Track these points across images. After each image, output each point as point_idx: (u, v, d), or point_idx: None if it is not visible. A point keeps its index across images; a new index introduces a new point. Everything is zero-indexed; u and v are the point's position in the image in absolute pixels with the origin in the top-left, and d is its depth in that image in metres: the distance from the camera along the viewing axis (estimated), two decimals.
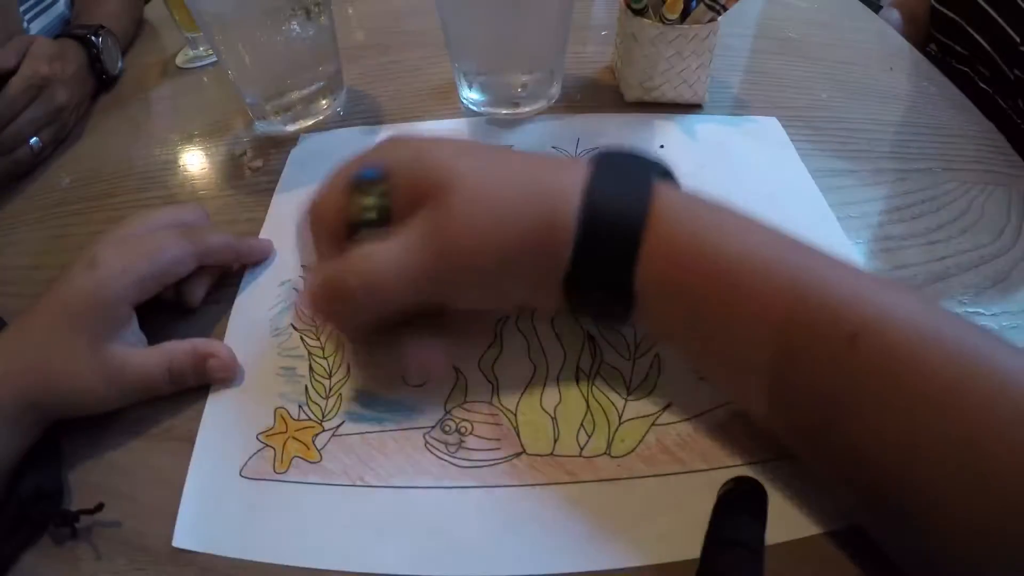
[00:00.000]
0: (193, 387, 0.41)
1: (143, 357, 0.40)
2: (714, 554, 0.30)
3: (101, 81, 0.72)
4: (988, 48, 0.81)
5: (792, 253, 0.32)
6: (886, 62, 0.69)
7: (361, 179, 0.35)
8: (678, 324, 0.34)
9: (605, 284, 0.33)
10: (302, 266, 0.47)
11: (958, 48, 0.87)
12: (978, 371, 0.27)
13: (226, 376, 0.42)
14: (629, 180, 0.33)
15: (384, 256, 0.33)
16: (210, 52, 0.74)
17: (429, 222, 0.33)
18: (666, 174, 0.36)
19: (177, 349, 0.41)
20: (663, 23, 0.55)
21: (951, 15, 0.88)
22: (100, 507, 0.35)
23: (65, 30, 0.70)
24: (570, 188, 0.33)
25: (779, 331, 0.30)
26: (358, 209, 0.35)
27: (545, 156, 0.35)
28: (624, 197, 0.32)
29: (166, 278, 0.42)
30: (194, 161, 0.61)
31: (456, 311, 0.37)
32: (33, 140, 0.61)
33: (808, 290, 0.30)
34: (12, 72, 0.60)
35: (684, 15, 0.55)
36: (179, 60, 0.76)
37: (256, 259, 0.49)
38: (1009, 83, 0.78)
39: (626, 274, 0.32)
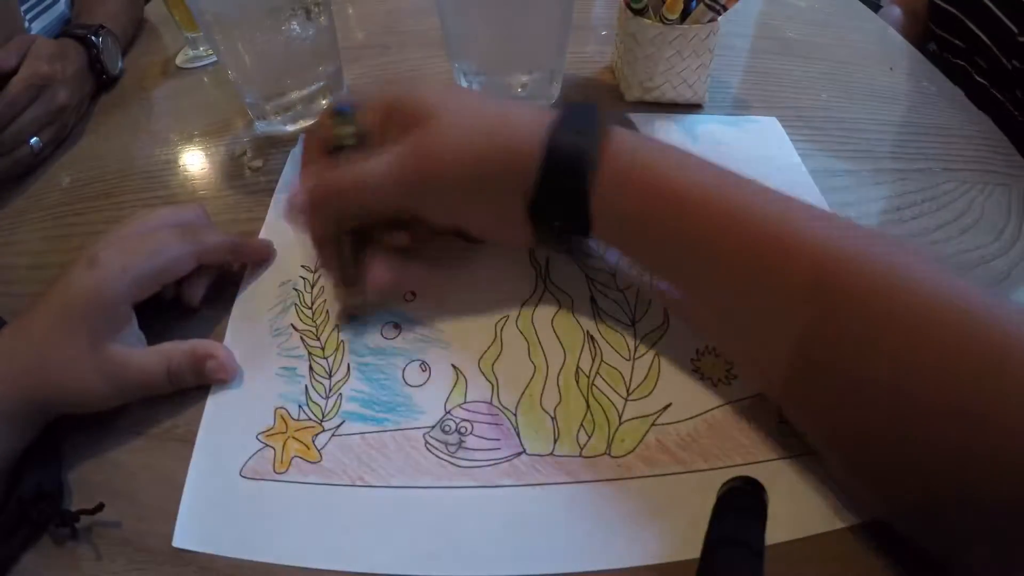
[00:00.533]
0: (193, 387, 0.41)
1: (142, 357, 0.40)
2: (714, 554, 0.30)
3: (101, 81, 0.71)
4: (986, 40, 0.81)
5: (726, 183, 0.35)
6: (886, 62, 0.69)
7: (336, 111, 0.41)
8: (635, 244, 0.38)
9: (565, 210, 0.37)
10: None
11: (957, 42, 0.87)
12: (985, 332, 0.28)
13: (224, 377, 0.42)
14: (589, 121, 0.37)
15: (373, 163, 0.38)
16: (210, 52, 0.74)
17: (413, 140, 0.38)
18: (626, 124, 0.40)
19: (176, 350, 0.41)
20: (663, 23, 0.55)
21: (949, 8, 0.88)
22: (100, 507, 0.35)
23: (65, 30, 0.70)
24: (537, 125, 0.37)
25: (703, 253, 0.34)
26: (337, 135, 0.41)
27: (516, 101, 0.41)
28: (582, 133, 0.37)
29: (166, 277, 0.42)
30: (194, 161, 0.61)
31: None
32: (33, 140, 0.61)
33: (730, 219, 0.34)
34: (13, 72, 0.60)
35: (684, 15, 0.55)
36: (179, 60, 0.76)
37: (256, 259, 0.49)
38: (1007, 74, 0.78)
39: (582, 198, 0.36)
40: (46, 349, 0.38)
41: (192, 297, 0.45)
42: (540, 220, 0.38)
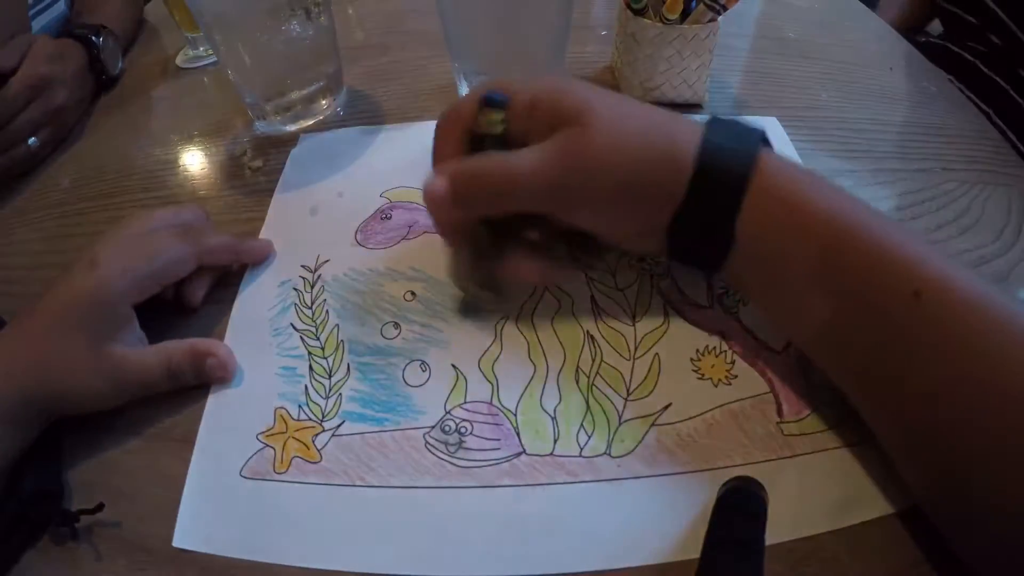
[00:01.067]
0: (193, 387, 0.41)
1: (142, 356, 0.40)
2: (714, 554, 0.30)
3: (101, 81, 0.72)
4: (1001, 14, 0.80)
5: (869, 215, 0.35)
6: (886, 62, 0.69)
7: (490, 99, 0.39)
8: (763, 274, 0.37)
9: (709, 225, 0.36)
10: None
11: (969, 17, 0.85)
12: None
13: (224, 376, 0.42)
14: (739, 138, 0.36)
15: (524, 157, 0.37)
16: (210, 52, 0.74)
17: (568, 139, 0.36)
18: (766, 141, 0.38)
19: (176, 348, 0.41)
20: (663, 23, 0.55)
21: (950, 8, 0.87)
22: (100, 507, 0.35)
23: (66, 30, 0.70)
24: (688, 135, 0.36)
25: (849, 285, 0.33)
26: (486, 122, 0.39)
27: (664, 109, 0.39)
28: (735, 149, 0.36)
29: (166, 278, 0.42)
30: (194, 161, 0.61)
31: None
32: (31, 140, 0.61)
33: (881, 249, 0.33)
34: (13, 72, 0.60)
35: (684, 15, 0.55)
36: (179, 60, 0.76)
37: (256, 259, 0.49)
38: (1022, 50, 0.77)
39: (730, 215, 0.35)
40: (46, 350, 0.38)
41: (192, 297, 0.45)
42: (679, 234, 0.37)
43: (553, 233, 0.41)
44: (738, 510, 0.32)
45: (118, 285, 0.39)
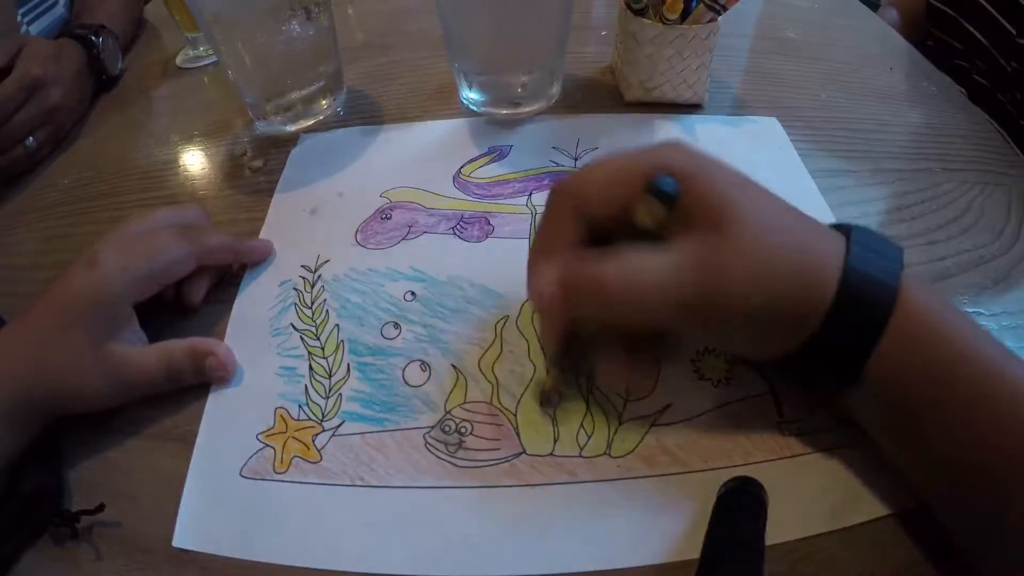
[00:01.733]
0: (193, 387, 0.41)
1: (142, 356, 0.40)
2: (714, 554, 0.30)
3: (101, 81, 0.72)
4: (985, 42, 0.81)
5: (1010, 359, 0.31)
6: (886, 62, 0.69)
7: (661, 188, 0.32)
8: (887, 418, 0.33)
9: (841, 357, 0.32)
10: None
11: (955, 44, 0.87)
12: None
13: (224, 375, 0.42)
14: (883, 259, 0.32)
15: (653, 266, 0.32)
16: (210, 52, 0.74)
17: (706, 248, 0.31)
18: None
19: (176, 348, 0.41)
20: (663, 23, 0.55)
21: (946, 10, 0.88)
22: (101, 508, 0.35)
23: (66, 29, 0.70)
24: (831, 251, 0.32)
25: (988, 430, 0.30)
26: (647, 216, 0.32)
27: (805, 214, 0.34)
28: (880, 277, 0.32)
29: (165, 278, 0.42)
30: (194, 161, 0.61)
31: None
32: (29, 140, 0.61)
33: (1018, 395, 0.30)
34: (6, 73, 0.60)
35: (684, 15, 0.55)
36: (179, 60, 0.76)
37: (256, 259, 0.49)
38: (1007, 77, 0.78)
39: (864, 355, 0.31)
40: (46, 349, 0.38)
41: (192, 297, 0.45)
42: (804, 361, 0.33)
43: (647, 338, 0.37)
44: (738, 510, 0.32)
45: (118, 284, 0.39)
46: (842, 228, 0.34)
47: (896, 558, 0.33)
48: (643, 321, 0.33)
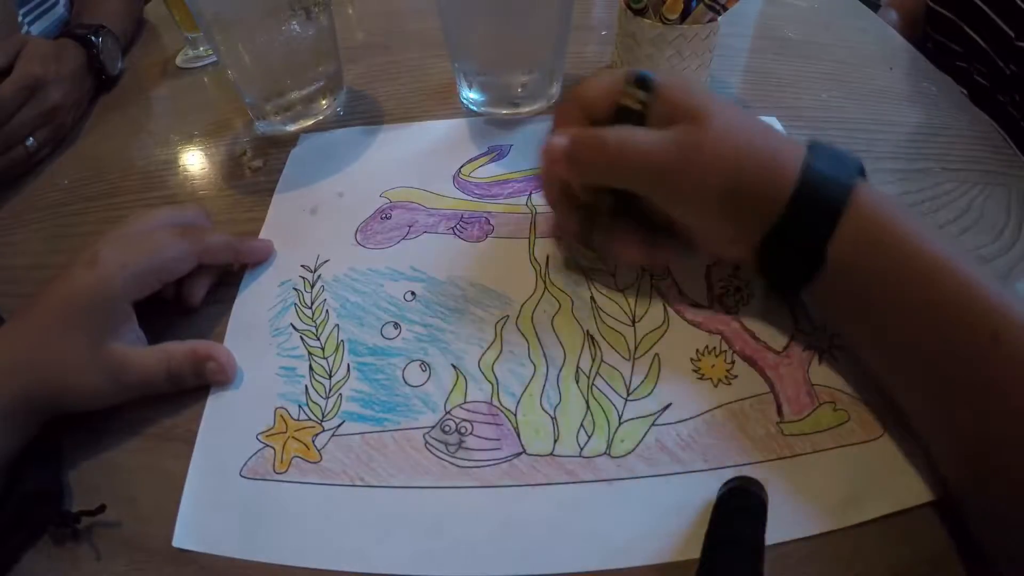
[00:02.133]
0: (193, 387, 0.41)
1: (142, 357, 0.40)
2: (714, 554, 0.30)
3: (101, 81, 0.71)
4: (983, 45, 0.81)
5: (957, 254, 0.35)
6: (886, 62, 0.69)
7: (641, 76, 0.40)
8: (848, 300, 0.37)
9: (802, 244, 0.37)
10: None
11: (954, 46, 0.87)
12: None
13: (223, 379, 0.42)
14: (839, 164, 0.38)
15: (644, 138, 0.39)
16: (210, 52, 0.74)
17: (685, 132, 0.38)
18: (862, 171, 0.39)
19: (176, 351, 0.41)
20: (663, 23, 0.55)
21: (946, 13, 0.88)
22: (102, 508, 0.35)
23: (66, 30, 0.70)
24: (791, 155, 0.37)
25: (932, 321, 0.34)
26: (632, 97, 0.40)
27: (770, 126, 0.41)
28: (836, 176, 0.37)
29: (165, 276, 0.42)
30: (194, 161, 0.61)
31: None
32: (29, 140, 0.61)
33: (967, 289, 0.33)
34: (6, 73, 0.60)
35: (684, 15, 0.55)
36: (179, 60, 0.76)
37: (256, 259, 0.49)
38: (1005, 79, 0.78)
39: (821, 241, 0.36)
40: (45, 346, 0.38)
41: (192, 297, 0.45)
42: (771, 248, 0.38)
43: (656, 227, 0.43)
44: (738, 510, 0.32)
45: (117, 282, 0.39)
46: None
47: (897, 557, 0.33)
48: (632, 181, 0.40)
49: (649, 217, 0.42)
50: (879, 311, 0.36)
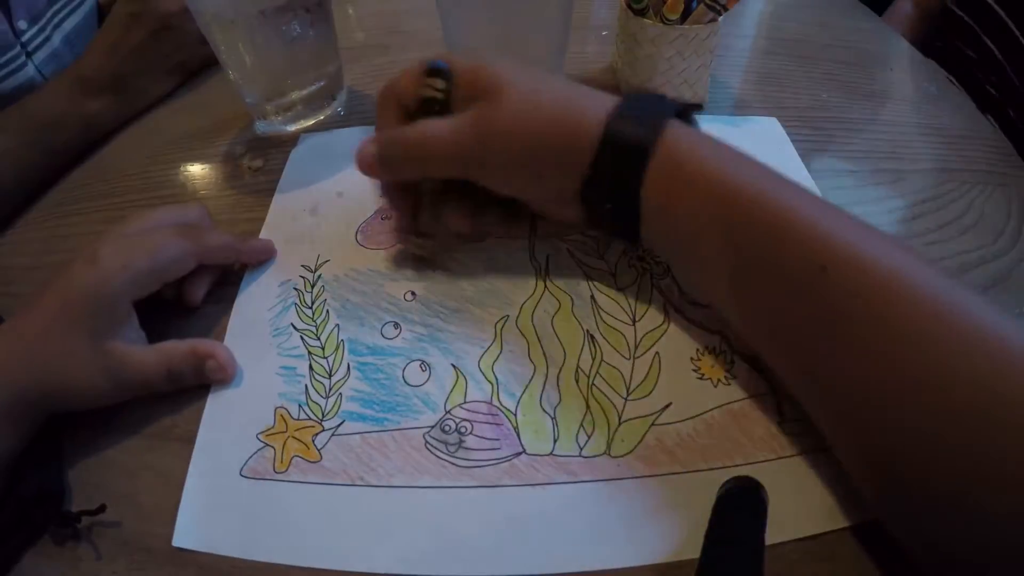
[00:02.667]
0: (193, 386, 0.41)
1: (142, 356, 0.40)
2: (714, 554, 0.30)
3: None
4: (999, 56, 0.81)
5: (778, 187, 0.35)
6: (886, 62, 0.69)
7: (434, 66, 0.41)
8: (671, 244, 0.39)
9: (616, 196, 0.38)
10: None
11: (968, 52, 0.87)
12: (951, 319, 0.29)
13: (223, 378, 0.42)
14: (649, 111, 0.38)
15: (438, 126, 0.41)
16: None
17: (480, 110, 0.40)
18: (684, 114, 0.40)
19: (176, 350, 0.41)
20: (663, 23, 0.55)
21: (966, 19, 0.87)
22: (102, 508, 0.35)
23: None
24: (600, 108, 0.38)
25: (753, 256, 0.34)
26: (431, 88, 0.41)
27: (584, 86, 0.42)
28: (641, 123, 0.37)
29: (166, 276, 0.42)
30: (194, 161, 0.61)
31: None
32: None
33: (787, 221, 0.33)
34: None
35: (685, 15, 0.55)
36: None
37: (257, 259, 0.49)
38: (1013, 91, 0.78)
39: (633, 187, 0.37)
40: (45, 345, 0.38)
41: (193, 297, 0.45)
42: (592, 202, 0.39)
43: (487, 199, 0.44)
44: (738, 510, 0.32)
45: (118, 281, 0.39)
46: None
47: (896, 558, 0.33)
48: (440, 171, 0.43)
49: (473, 188, 0.43)
50: (698, 254, 0.37)
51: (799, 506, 0.35)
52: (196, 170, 0.60)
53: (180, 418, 0.40)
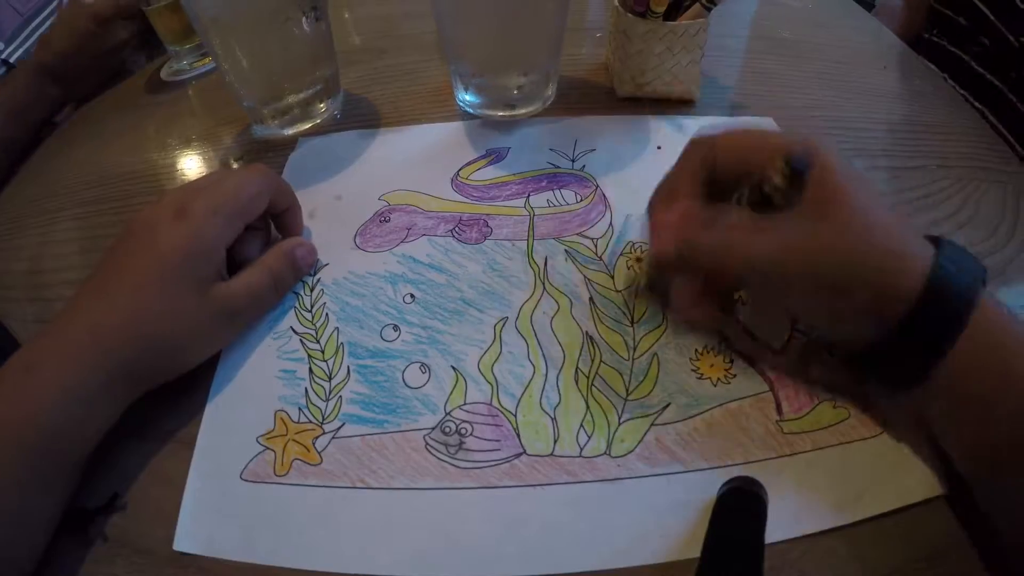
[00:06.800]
0: (193, 389, 0.41)
1: (247, 278, 0.42)
2: (714, 554, 0.30)
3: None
4: (991, 16, 0.80)
5: None
6: (880, 60, 0.69)
7: (797, 164, 0.34)
8: (958, 411, 0.34)
9: (927, 342, 0.33)
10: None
11: (959, 19, 0.86)
12: None
13: (313, 258, 0.48)
14: (969, 267, 0.34)
15: (766, 242, 0.34)
16: (195, 64, 0.74)
17: (816, 236, 0.34)
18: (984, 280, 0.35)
19: (269, 258, 0.45)
20: (653, 18, 0.55)
21: (948, 12, 0.87)
22: (115, 499, 0.35)
23: None
24: (921, 253, 0.34)
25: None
26: (777, 180, 0.35)
27: (903, 218, 0.39)
28: (965, 279, 0.33)
29: (250, 214, 0.43)
30: (192, 166, 0.61)
31: None
32: None
33: None
34: None
35: (673, 10, 0.55)
36: (164, 74, 0.75)
37: (299, 219, 0.50)
38: (1012, 53, 0.77)
39: (952, 337, 0.32)
40: (150, 309, 0.38)
41: (248, 254, 0.46)
42: (885, 349, 0.34)
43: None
44: (738, 510, 0.32)
45: (212, 229, 0.40)
46: (931, 238, 0.36)
47: (895, 555, 0.33)
48: (748, 285, 0.39)
49: None
50: (988, 431, 0.33)
51: (799, 504, 0.35)
52: (195, 175, 0.60)
53: (180, 421, 0.41)
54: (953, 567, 0.33)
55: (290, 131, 0.61)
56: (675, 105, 0.61)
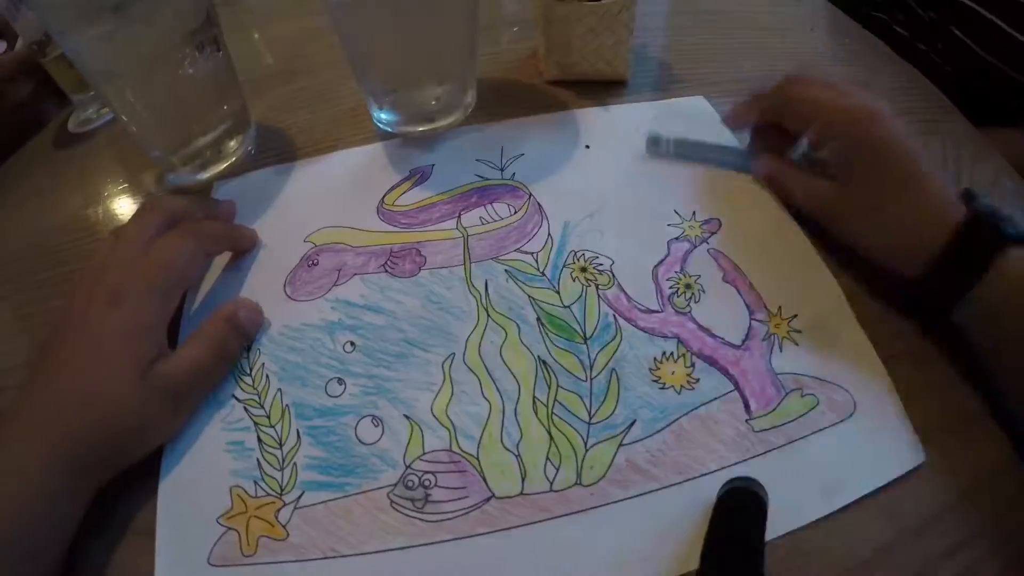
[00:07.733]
0: (141, 475, 0.38)
1: (188, 353, 0.40)
2: (714, 554, 0.31)
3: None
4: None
5: None
6: (806, 23, 0.68)
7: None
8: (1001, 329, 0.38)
9: (959, 271, 0.38)
10: None
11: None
12: None
13: (258, 317, 0.44)
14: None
15: (826, 189, 0.45)
16: (101, 112, 0.70)
17: (868, 184, 0.43)
18: None
19: (209, 326, 0.42)
20: (571, 1, 0.54)
21: None
22: None
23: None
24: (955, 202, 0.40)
25: None
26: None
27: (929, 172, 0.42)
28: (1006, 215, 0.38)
29: (187, 283, 0.43)
30: (110, 225, 0.57)
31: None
32: None
33: None
34: None
35: None
36: (71, 126, 0.71)
37: (248, 245, 0.49)
38: (925, 27, 0.78)
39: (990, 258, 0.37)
40: (93, 396, 0.36)
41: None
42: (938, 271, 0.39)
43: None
44: (738, 510, 0.33)
45: (151, 309, 0.39)
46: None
47: (879, 533, 0.34)
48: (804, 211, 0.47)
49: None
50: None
51: (782, 501, 0.34)
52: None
53: (135, 510, 0.38)
54: (940, 541, 0.34)
55: (204, 175, 0.58)
56: (606, 87, 0.60)
